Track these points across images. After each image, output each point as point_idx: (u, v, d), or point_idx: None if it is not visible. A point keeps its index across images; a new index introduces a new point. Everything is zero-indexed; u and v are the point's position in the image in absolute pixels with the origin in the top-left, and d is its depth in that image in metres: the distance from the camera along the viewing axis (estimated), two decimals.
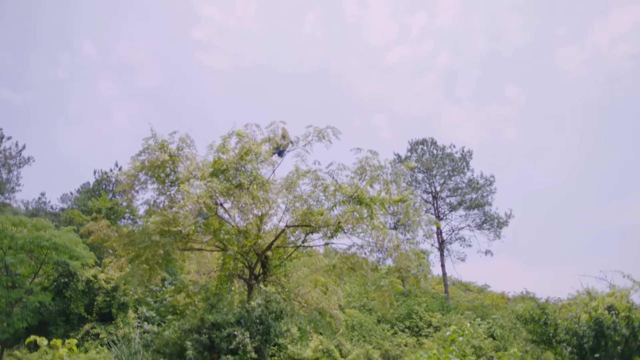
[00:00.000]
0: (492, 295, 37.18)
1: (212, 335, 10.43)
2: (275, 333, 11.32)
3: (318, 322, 13.24)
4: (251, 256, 13.86)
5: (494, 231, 34.93)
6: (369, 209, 13.09)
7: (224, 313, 10.82)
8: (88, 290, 24.58)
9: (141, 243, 11.76)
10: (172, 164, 12.67)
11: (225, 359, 10.11)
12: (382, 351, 23.52)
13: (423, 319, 27.85)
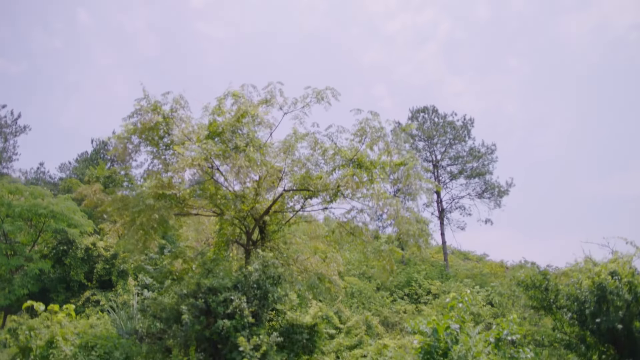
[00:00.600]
0: (490, 264, 37.20)
1: (208, 299, 10.18)
2: (273, 298, 11.07)
3: (317, 288, 13.01)
4: (249, 221, 13.53)
5: (494, 200, 34.64)
6: (368, 173, 12.68)
7: (221, 278, 10.55)
8: (87, 257, 24.54)
9: (135, 207, 11.40)
10: (165, 126, 12.19)
11: (221, 323, 9.88)
12: (381, 318, 23.54)
13: (422, 287, 27.83)
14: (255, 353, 9.75)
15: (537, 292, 14.16)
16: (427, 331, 15.85)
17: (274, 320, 11.33)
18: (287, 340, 11.35)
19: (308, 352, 11.63)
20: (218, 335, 10.07)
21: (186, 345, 10.28)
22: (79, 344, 12.54)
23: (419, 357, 15.63)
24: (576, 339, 14.29)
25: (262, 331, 10.32)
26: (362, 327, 20.56)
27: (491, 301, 26.78)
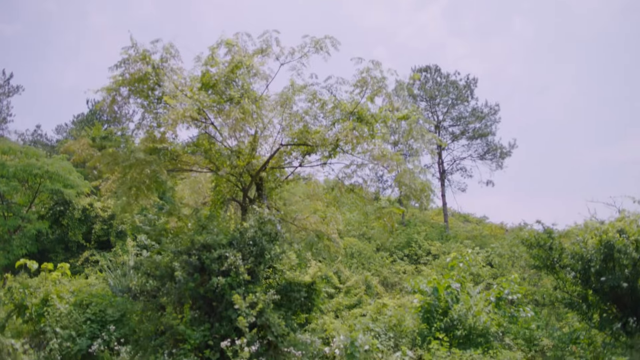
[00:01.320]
0: (490, 226, 37.04)
1: (202, 256, 9.76)
2: (269, 256, 10.66)
3: (315, 246, 12.60)
4: (245, 178, 13.01)
5: (496, 161, 34.12)
6: (369, 128, 12.05)
7: (215, 234, 10.10)
8: (85, 218, 24.26)
9: (125, 161, 10.84)
10: (155, 77, 11.47)
11: (216, 280, 9.49)
12: (381, 278, 23.41)
13: (422, 248, 27.64)
14: (251, 311, 9.41)
15: (540, 251, 13.80)
16: (428, 290, 15.64)
17: (270, 278, 10.96)
18: (285, 298, 11.02)
19: (306, 310, 11.34)
20: (213, 292, 9.70)
21: (180, 303, 9.95)
22: (73, 302, 12.27)
23: (418, 316, 15.46)
24: (578, 298, 14.04)
25: (258, 289, 9.96)
26: (362, 287, 20.41)
27: (491, 262, 26.62)
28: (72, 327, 11.56)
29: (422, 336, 14.32)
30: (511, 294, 15.38)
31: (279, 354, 9.89)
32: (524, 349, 16.54)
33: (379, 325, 14.26)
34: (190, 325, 9.66)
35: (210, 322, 9.81)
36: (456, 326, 14.10)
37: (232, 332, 9.53)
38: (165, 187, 12.86)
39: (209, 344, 9.47)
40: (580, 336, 14.65)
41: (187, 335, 9.36)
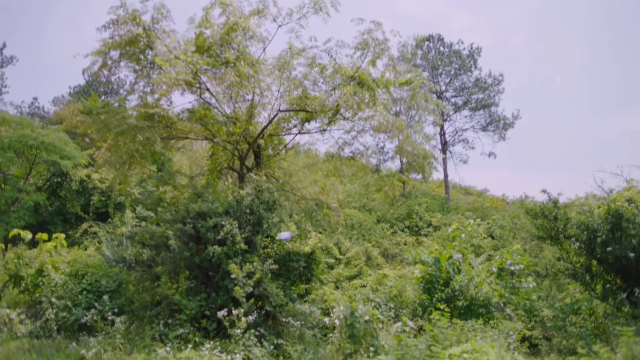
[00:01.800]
0: (492, 198, 36.73)
1: (197, 225, 9.41)
2: (267, 224, 10.32)
3: (315, 214, 12.23)
4: (242, 146, 12.56)
5: (499, 133, 33.51)
6: (371, 93, 11.52)
7: (210, 202, 9.72)
8: (82, 190, 23.97)
9: (116, 127, 10.38)
10: (146, 39, 10.89)
11: (212, 249, 9.17)
12: (381, 249, 23.21)
13: (423, 219, 27.37)
14: (248, 281, 9.12)
15: (545, 221, 13.46)
16: (429, 261, 15.38)
17: (269, 247, 10.64)
18: (283, 268, 10.74)
19: (305, 280, 11.07)
20: (209, 262, 9.40)
21: (176, 273, 9.67)
22: (69, 272, 12.01)
23: (419, 286, 15.25)
24: (581, 269, 13.78)
25: (255, 258, 9.66)
26: (362, 258, 20.21)
27: (492, 234, 26.40)
28: (67, 298, 11.33)
29: (422, 307, 14.13)
30: (513, 265, 15.14)
31: (277, 325, 9.65)
32: (524, 319, 16.43)
33: (380, 296, 14.05)
34: (186, 295, 9.40)
35: (206, 292, 9.55)
36: (457, 297, 13.89)
37: (229, 302, 9.27)
38: (160, 156, 12.42)
39: (205, 314, 9.22)
40: (581, 307, 14.47)
41: (183, 305, 9.10)
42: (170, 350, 8.21)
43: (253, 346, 8.55)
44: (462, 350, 8.94)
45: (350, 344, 10.53)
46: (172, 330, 8.94)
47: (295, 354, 9.03)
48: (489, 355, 8.72)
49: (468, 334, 10.94)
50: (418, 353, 10.05)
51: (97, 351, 8.57)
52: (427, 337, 10.91)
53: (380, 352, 10.77)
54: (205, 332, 9.14)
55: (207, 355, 8.06)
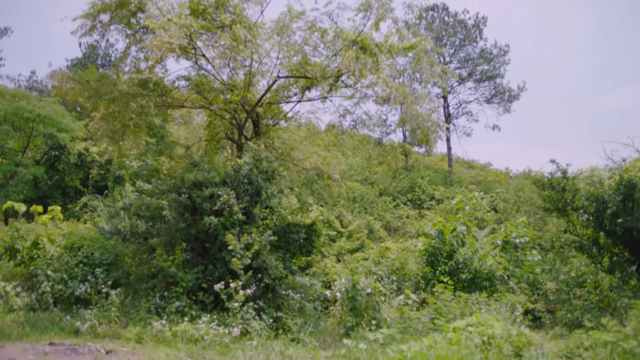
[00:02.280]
0: (495, 172, 36.29)
1: (192, 195, 9.02)
2: (266, 195, 9.92)
3: (315, 184, 11.82)
4: (240, 114, 12.07)
5: (503, 105, 32.79)
6: (374, 58, 10.94)
7: (206, 171, 9.30)
8: (81, 163, 23.60)
9: (107, 94, 9.89)
10: (138, 1, 10.27)
11: (208, 220, 8.79)
12: (384, 222, 22.92)
13: (426, 192, 27.01)
14: (246, 252, 8.77)
15: (552, 192, 13.03)
16: (432, 233, 15.04)
17: (268, 218, 10.28)
18: (283, 240, 10.40)
19: (306, 252, 10.75)
20: (205, 233, 9.05)
21: (171, 245, 9.33)
22: (64, 245, 11.70)
23: (422, 259, 14.95)
24: (588, 241, 13.44)
25: (254, 230, 9.30)
26: (364, 231, 19.93)
27: (495, 207, 26.05)
28: (63, 270, 11.06)
29: (425, 280, 13.88)
30: (518, 238, 14.80)
31: (276, 297, 9.36)
32: (527, 292, 16.20)
33: (382, 269, 13.77)
34: (182, 268, 9.08)
35: (203, 265, 9.23)
36: (461, 270, 13.62)
37: (227, 275, 8.96)
38: (158, 128, 11.95)
39: (202, 286, 8.92)
40: (587, 280, 14.20)
41: (179, 277, 8.79)
42: (166, 323, 7.93)
43: (251, 319, 8.27)
44: (466, 324, 8.65)
45: (351, 317, 10.27)
46: (168, 303, 8.65)
47: (295, 327, 8.76)
48: (494, 329, 8.44)
49: (472, 307, 10.67)
50: (421, 326, 9.79)
51: (92, 324, 8.31)
52: (430, 310, 10.66)
53: (383, 325, 10.52)
54: (202, 305, 8.86)
55: (204, 329, 7.78)
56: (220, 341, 7.62)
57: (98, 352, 6.98)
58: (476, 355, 6.94)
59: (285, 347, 7.86)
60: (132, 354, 7.05)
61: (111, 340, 7.98)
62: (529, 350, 8.09)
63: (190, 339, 7.63)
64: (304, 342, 8.19)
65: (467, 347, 7.08)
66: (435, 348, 7.22)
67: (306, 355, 7.52)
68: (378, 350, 7.26)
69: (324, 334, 9.54)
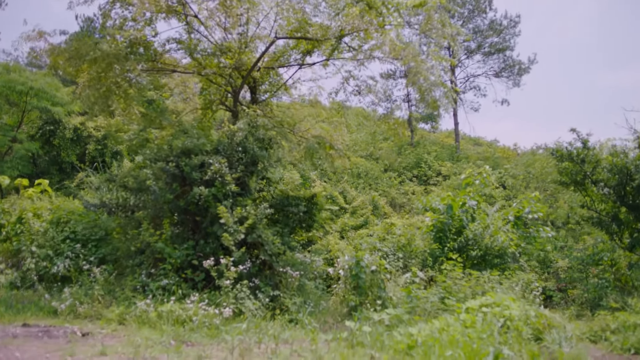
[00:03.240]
0: (502, 149, 35.23)
1: (180, 163, 8.17)
2: (263, 165, 9.07)
3: (316, 154, 10.91)
4: (235, 79, 11.12)
5: (513, 79, 31.46)
6: (379, 19, 9.91)
7: (196, 137, 8.43)
8: (77, 138, 22.76)
9: (88, 55, 8.97)
10: None
11: (197, 191, 7.96)
12: (389, 199, 22.07)
13: (432, 168, 26.04)
14: (239, 227, 7.96)
15: (571, 164, 12.11)
16: (441, 208, 14.19)
17: (264, 191, 9.43)
18: (281, 213, 9.58)
19: (306, 227, 9.93)
20: (195, 205, 8.24)
21: (158, 218, 8.53)
22: (50, 220, 10.94)
23: (430, 235, 14.14)
24: (607, 217, 12.57)
25: (248, 202, 8.47)
26: (368, 207, 19.12)
27: (504, 184, 25.11)
28: (49, 246, 10.32)
29: (433, 257, 13.11)
30: (531, 213, 13.93)
31: (274, 275, 8.59)
32: (538, 270, 15.42)
33: (387, 245, 12.99)
34: (171, 243, 8.31)
35: (194, 240, 8.44)
36: (471, 246, 12.81)
37: (219, 251, 8.18)
38: (144, 89, 11.01)
39: (192, 263, 8.14)
40: (603, 257, 13.39)
41: (167, 253, 8.02)
42: (151, 303, 7.19)
43: (245, 298, 7.51)
44: (480, 304, 7.86)
45: (355, 296, 9.53)
46: (155, 281, 7.90)
47: (294, 306, 8.02)
48: (511, 309, 7.65)
49: (484, 286, 9.89)
50: (429, 306, 9.02)
51: (72, 304, 7.58)
52: (439, 288, 9.89)
53: (388, 305, 9.77)
54: (192, 284, 8.10)
55: (193, 308, 7.03)
56: (210, 322, 6.88)
57: (73, 334, 6.25)
58: (492, 339, 6.18)
59: (281, 329, 7.12)
60: (111, 337, 6.31)
61: (92, 321, 7.26)
62: (550, 332, 7.33)
63: (177, 320, 6.89)
64: (302, 323, 7.44)
65: (484, 331, 6.32)
66: (448, 331, 6.46)
67: (304, 338, 6.77)
68: (384, 334, 6.49)
69: (325, 314, 8.80)
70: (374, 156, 26.82)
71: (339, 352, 5.48)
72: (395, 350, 5.72)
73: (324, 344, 6.15)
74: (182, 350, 5.40)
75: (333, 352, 5.53)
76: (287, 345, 6.34)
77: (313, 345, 5.89)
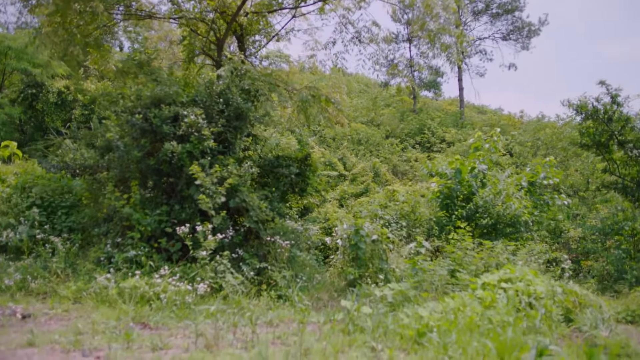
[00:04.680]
0: (508, 116, 33.76)
1: (148, 115, 6.88)
2: (249, 120, 7.79)
3: (310, 107, 9.58)
4: (219, 26, 9.71)
5: (522, 42, 29.67)
6: None
7: (168, 85, 7.13)
8: (62, 103, 21.37)
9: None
10: None
11: (169, 147, 6.71)
12: (390, 166, 20.82)
13: (435, 134, 24.67)
14: (219, 188, 6.75)
15: (595, 123, 10.81)
16: (448, 173, 12.97)
17: (251, 149, 8.17)
18: (270, 175, 8.36)
19: (299, 191, 8.71)
20: (168, 165, 7.00)
21: (126, 179, 7.31)
22: (14, 185, 9.73)
23: (436, 202, 12.96)
24: (632, 182, 11.36)
25: (230, 161, 7.23)
26: (369, 174, 17.91)
27: (510, 151, 23.80)
28: (12, 214, 9.15)
29: (439, 225, 11.99)
30: (547, 179, 12.70)
31: (262, 245, 7.43)
32: (548, 240, 14.35)
33: (389, 213, 11.84)
34: (142, 208, 7.12)
35: (169, 205, 7.25)
36: (480, 214, 11.66)
37: (197, 217, 6.99)
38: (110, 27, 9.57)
39: (166, 231, 6.97)
40: (624, 227, 12.25)
41: (135, 220, 6.84)
42: (113, 277, 6.05)
43: (226, 272, 6.37)
44: (499, 278, 6.73)
45: (354, 268, 8.43)
46: (121, 252, 6.75)
47: (283, 281, 6.88)
48: (535, 285, 6.53)
49: (499, 257, 8.77)
50: (437, 279, 7.91)
51: (22, 279, 6.45)
52: (448, 260, 8.77)
53: (391, 278, 8.67)
54: (167, 255, 6.96)
55: (162, 284, 5.90)
56: (181, 301, 5.76)
57: (12, 316, 5.12)
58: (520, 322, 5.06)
59: (266, 308, 6.01)
60: (59, 319, 5.19)
61: (44, 299, 6.13)
62: (583, 312, 6.23)
63: (142, 298, 5.77)
64: (292, 300, 6.32)
65: (509, 313, 5.19)
66: (464, 312, 5.35)
67: (293, 319, 5.67)
68: (388, 314, 5.34)
69: (319, 289, 7.70)
70: (375, 122, 25.41)
71: (331, 340, 4.34)
72: (402, 337, 4.58)
73: (315, 327, 5.03)
74: (135, 337, 4.26)
75: (325, 340, 4.40)
76: (270, 328, 5.23)
77: (301, 331, 4.79)
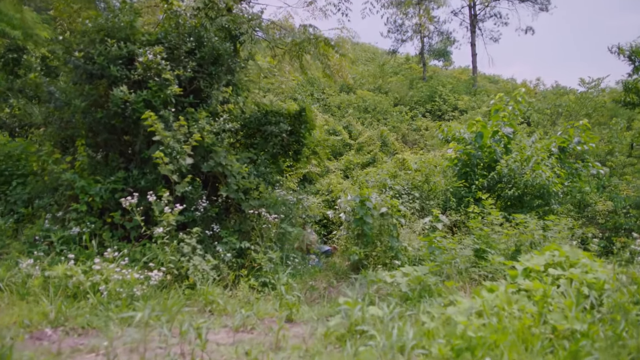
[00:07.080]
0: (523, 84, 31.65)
1: (91, 52, 5.26)
2: (228, 65, 6.15)
3: (304, 49, 7.85)
4: None
5: (540, 2, 27.34)
6: None
7: (118, 15, 5.48)
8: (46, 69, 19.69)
9: None
10: None
11: (119, 93, 5.11)
12: (399, 135, 19.11)
13: (447, 102, 22.78)
14: (184, 147, 5.18)
15: None
16: (467, 138, 11.31)
17: (231, 102, 6.54)
18: (258, 135, 6.76)
19: (292, 154, 7.11)
20: (122, 118, 5.42)
21: (68, 137, 5.75)
22: None
23: (452, 170, 11.34)
24: None
25: (202, 114, 5.63)
26: (377, 143, 16.26)
27: (528, 119, 21.96)
28: None
29: (457, 197, 10.42)
30: (581, 145, 11.02)
31: (244, 220, 5.90)
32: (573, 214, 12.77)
33: (400, 183, 10.25)
34: (91, 174, 5.59)
35: (127, 170, 5.72)
36: (505, 184, 10.05)
37: (160, 184, 5.46)
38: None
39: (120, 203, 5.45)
40: None
41: (78, 188, 5.31)
42: (38, 262, 4.57)
43: (191, 254, 4.86)
44: (546, 263, 5.19)
45: (359, 247, 6.92)
46: (65, 229, 5.25)
47: (268, 265, 5.37)
48: (595, 272, 4.98)
49: (533, 234, 7.20)
50: (460, 261, 6.40)
51: None
52: (473, 237, 7.25)
53: (402, 258, 7.16)
54: (122, 232, 5.46)
55: (104, 271, 4.41)
56: (128, 293, 4.28)
57: None
58: (597, 332, 3.49)
59: (243, 301, 4.52)
60: None
61: None
62: None
63: (75, 289, 4.29)
64: (279, 290, 4.81)
65: (578, 317, 3.63)
66: (512, 313, 3.82)
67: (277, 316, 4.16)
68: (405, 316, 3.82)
69: (315, 275, 6.21)
70: (382, 90, 23.55)
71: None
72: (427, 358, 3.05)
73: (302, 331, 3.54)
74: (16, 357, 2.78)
75: None
76: (243, 334, 3.75)
77: (282, 342, 3.30)
